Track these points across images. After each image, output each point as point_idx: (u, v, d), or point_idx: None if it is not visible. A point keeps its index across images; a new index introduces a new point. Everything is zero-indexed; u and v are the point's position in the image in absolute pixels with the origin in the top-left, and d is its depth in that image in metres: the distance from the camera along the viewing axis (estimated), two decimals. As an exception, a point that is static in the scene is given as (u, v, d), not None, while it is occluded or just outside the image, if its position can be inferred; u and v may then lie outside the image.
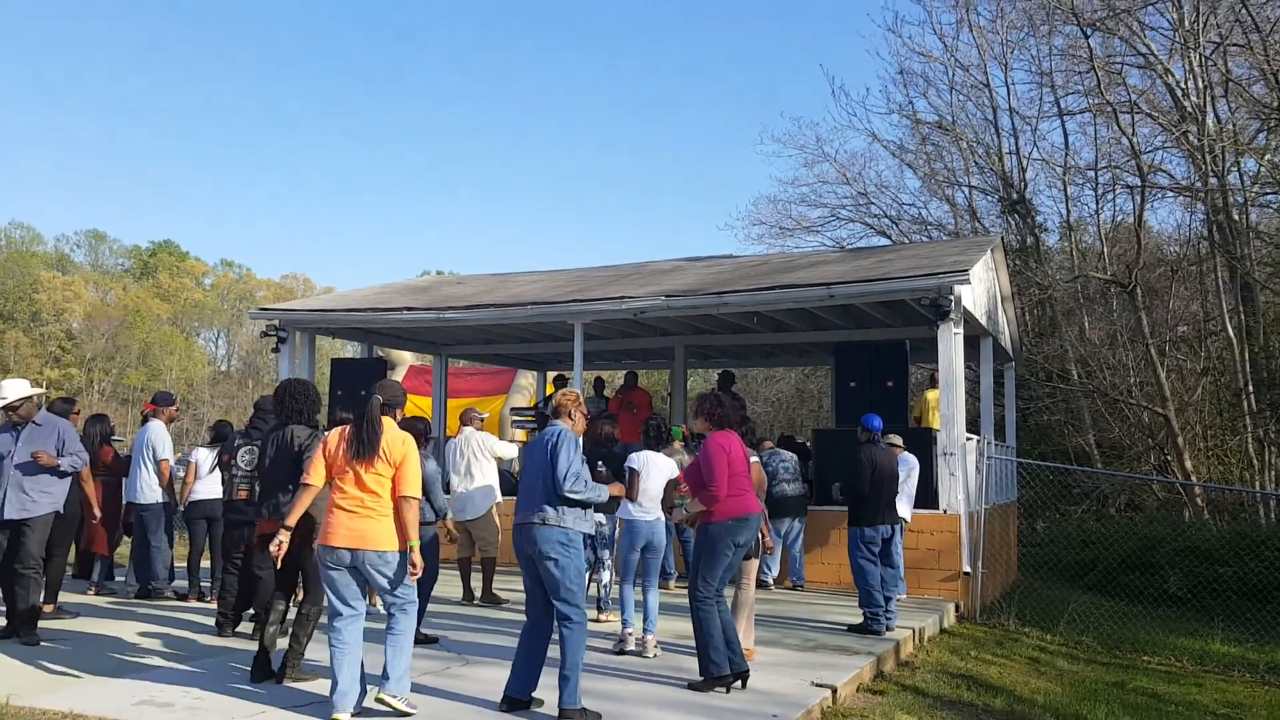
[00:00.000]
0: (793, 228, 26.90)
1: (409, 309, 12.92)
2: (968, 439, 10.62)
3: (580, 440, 5.68)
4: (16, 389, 7.44)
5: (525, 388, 21.00)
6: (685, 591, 6.38)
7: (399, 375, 20.06)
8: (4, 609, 7.53)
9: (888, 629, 8.14)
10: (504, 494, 9.79)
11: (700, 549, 6.29)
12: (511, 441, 16.80)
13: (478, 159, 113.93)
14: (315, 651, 6.45)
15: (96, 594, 9.74)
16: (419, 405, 17.04)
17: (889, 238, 25.03)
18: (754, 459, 7.12)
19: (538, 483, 5.49)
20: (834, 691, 6.21)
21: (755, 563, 7.04)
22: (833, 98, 66.89)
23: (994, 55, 23.07)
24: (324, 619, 5.55)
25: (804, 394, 28.84)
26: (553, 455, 5.45)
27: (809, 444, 12.15)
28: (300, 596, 6.40)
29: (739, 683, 6.10)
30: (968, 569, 10.15)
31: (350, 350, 33.87)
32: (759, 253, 23.14)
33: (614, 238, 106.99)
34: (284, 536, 5.53)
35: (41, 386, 7.83)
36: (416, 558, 5.36)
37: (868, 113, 37.71)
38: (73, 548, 9.76)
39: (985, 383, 13.58)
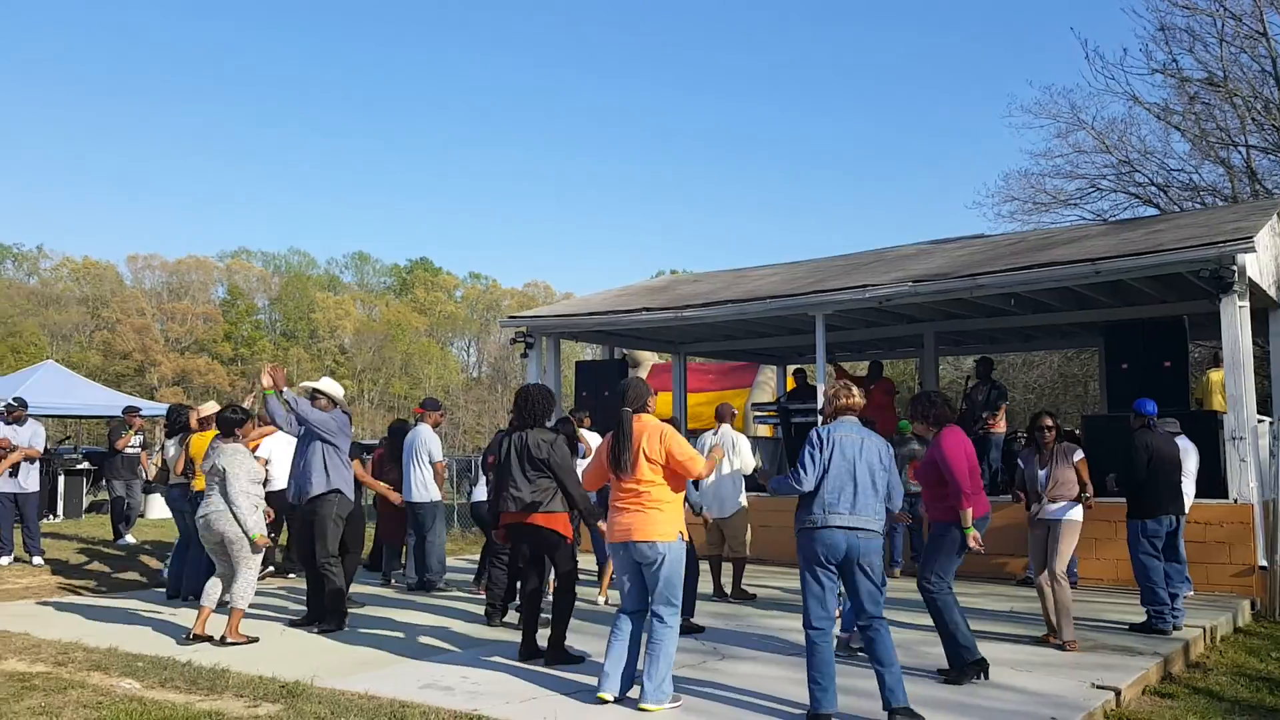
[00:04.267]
0: (1048, 202, 25.26)
1: (647, 309, 13.15)
2: (1259, 421, 9.67)
3: None
4: (327, 383, 8.26)
5: (766, 383, 20.93)
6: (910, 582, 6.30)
7: (642, 374, 20.50)
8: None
9: (1175, 628, 7.54)
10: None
11: (939, 545, 6.27)
12: (754, 436, 16.85)
13: (710, 155, 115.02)
14: (583, 643, 6.67)
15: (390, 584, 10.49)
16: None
17: (1157, 207, 23.13)
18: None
19: (877, 483, 5.39)
20: (1117, 694, 5.82)
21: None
22: (1086, 62, 62.59)
23: (1270, 1, 20.85)
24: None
25: (1067, 379, 27.14)
26: (888, 464, 5.43)
27: (1078, 431, 11.42)
28: (553, 587, 6.72)
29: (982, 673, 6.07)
30: (1264, 563, 9.22)
31: (591, 353, 34.98)
32: (1012, 230, 21.99)
33: (852, 226, 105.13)
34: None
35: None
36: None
37: (1126, 75, 34.92)
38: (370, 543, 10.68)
39: (1276, 359, 12.33)
